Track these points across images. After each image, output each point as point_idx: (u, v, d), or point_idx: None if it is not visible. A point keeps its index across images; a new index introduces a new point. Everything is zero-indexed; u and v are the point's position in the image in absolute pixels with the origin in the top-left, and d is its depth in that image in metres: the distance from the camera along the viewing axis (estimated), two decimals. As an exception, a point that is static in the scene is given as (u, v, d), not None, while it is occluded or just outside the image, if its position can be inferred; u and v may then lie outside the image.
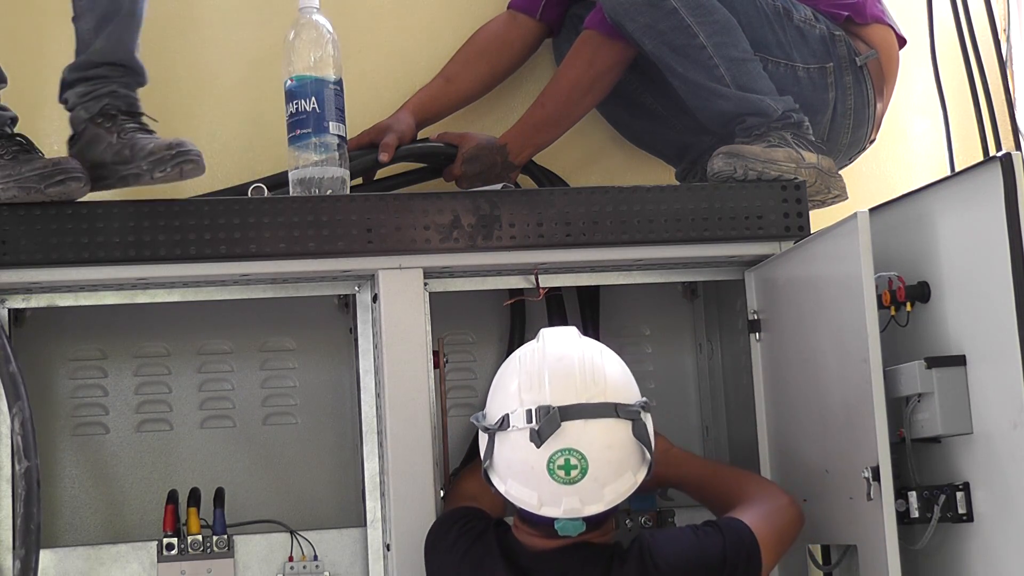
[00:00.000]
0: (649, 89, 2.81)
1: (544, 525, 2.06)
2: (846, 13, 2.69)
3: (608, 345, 2.50)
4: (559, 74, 2.69)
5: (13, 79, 2.34)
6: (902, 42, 2.79)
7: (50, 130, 2.62)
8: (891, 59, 2.74)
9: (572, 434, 1.99)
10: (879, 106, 2.73)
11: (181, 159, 2.21)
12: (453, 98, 2.83)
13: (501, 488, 2.07)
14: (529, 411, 2.01)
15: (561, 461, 1.99)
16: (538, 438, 1.99)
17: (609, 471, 2.02)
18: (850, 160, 2.80)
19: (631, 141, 2.95)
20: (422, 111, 2.76)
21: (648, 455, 2.06)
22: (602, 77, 2.66)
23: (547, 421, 1.99)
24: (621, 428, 2.03)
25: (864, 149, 2.81)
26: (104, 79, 2.28)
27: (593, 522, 2.05)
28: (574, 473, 1.99)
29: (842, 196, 2.58)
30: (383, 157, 2.64)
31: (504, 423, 2.04)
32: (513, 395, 2.06)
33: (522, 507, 2.06)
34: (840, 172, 2.60)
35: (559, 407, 2.00)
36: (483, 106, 2.90)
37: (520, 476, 2.03)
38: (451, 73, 2.84)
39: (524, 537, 2.14)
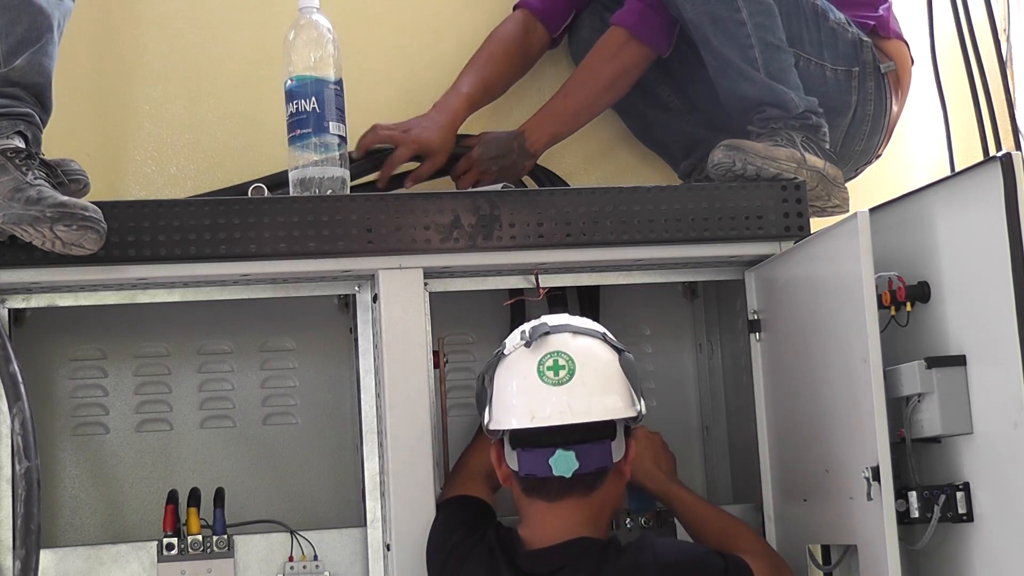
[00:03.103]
0: (667, 82, 2.82)
1: (544, 481, 2.12)
2: (872, 23, 2.71)
3: (608, 345, 2.50)
4: (582, 67, 2.71)
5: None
6: (911, 61, 2.82)
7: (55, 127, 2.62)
8: (906, 73, 2.78)
9: (560, 341, 2.16)
10: (893, 117, 2.75)
11: (88, 224, 2.13)
12: (487, 103, 2.82)
13: (499, 425, 2.14)
14: (523, 331, 2.18)
15: (550, 363, 2.13)
16: (528, 338, 2.15)
17: (597, 380, 2.13)
18: (856, 172, 2.81)
19: (637, 134, 2.95)
20: (460, 122, 2.74)
21: (637, 402, 2.15)
22: (624, 74, 2.68)
23: (536, 328, 2.17)
24: (607, 351, 2.18)
25: (871, 162, 2.82)
26: (19, 100, 2.21)
27: (588, 472, 2.10)
28: (562, 374, 2.12)
29: (842, 207, 2.58)
30: (408, 184, 2.67)
31: (502, 351, 2.19)
32: (507, 338, 2.22)
33: (518, 433, 2.12)
34: (843, 180, 2.61)
35: (550, 324, 2.18)
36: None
37: (514, 396, 2.13)
38: (489, 80, 2.80)
39: (526, 531, 2.17)
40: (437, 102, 2.76)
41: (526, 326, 2.20)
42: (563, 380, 2.12)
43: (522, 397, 2.13)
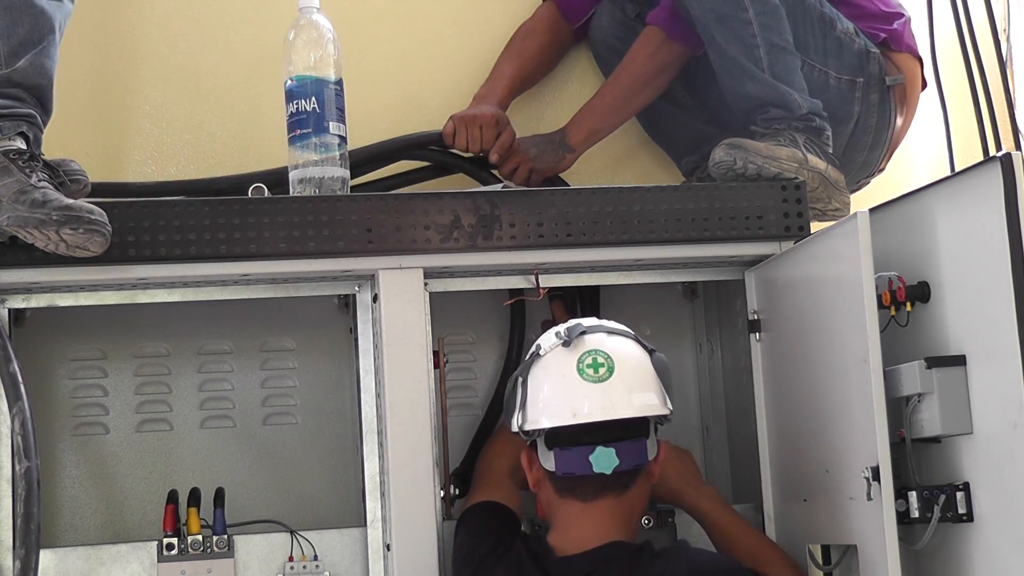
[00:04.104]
0: (680, 76, 2.82)
1: (581, 481, 2.13)
2: (884, 35, 2.71)
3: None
4: (622, 66, 2.73)
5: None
6: (923, 83, 2.81)
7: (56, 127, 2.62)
8: (915, 89, 2.78)
9: (596, 340, 2.18)
10: (897, 132, 2.75)
11: (94, 228, 2.13)
12: (521, 93, 2.87)
13: (536, 425, 2.15)
14: (558, 332, 2.20)
15: (589, 360, 2.15)
16: (567, 337, 2.17)
17: (634, 378, 2.15)
18: (858, 185, 2.81)
19: (644, 126, 2.95)
20: (505, 108, 2.78)
21: (668, 401, 2.18)
22: (661, 71, 2.71)
23: (572, 328, 2.19)
24: (640, 350, 2.21)
25: (872, 175, 2.82)
26: (21, 101, 2.21)
27: (626, 469, 2.12)
28: (602, 371, 2.14)
29: (843, 211, 2.58)
30: (494, 159, 2.70)
31: (536, 352, 2.20)
32: (540, 339, 2.25)
33: (556, 431, 2.13)
34: (845, 183, 2.60)
35: (585, 325, 2.21)
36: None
37: (552, 395, 2.15)
38: (525, 73, 2.86)
39: (556, 537, 2.18)
40: (477, 93, 2.80)
41: (560, 327, 2.22)
42: (603, 377, 2.13)
43: (561, 395, 2.14)
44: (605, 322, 2.25)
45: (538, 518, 2.34)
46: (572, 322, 2.23)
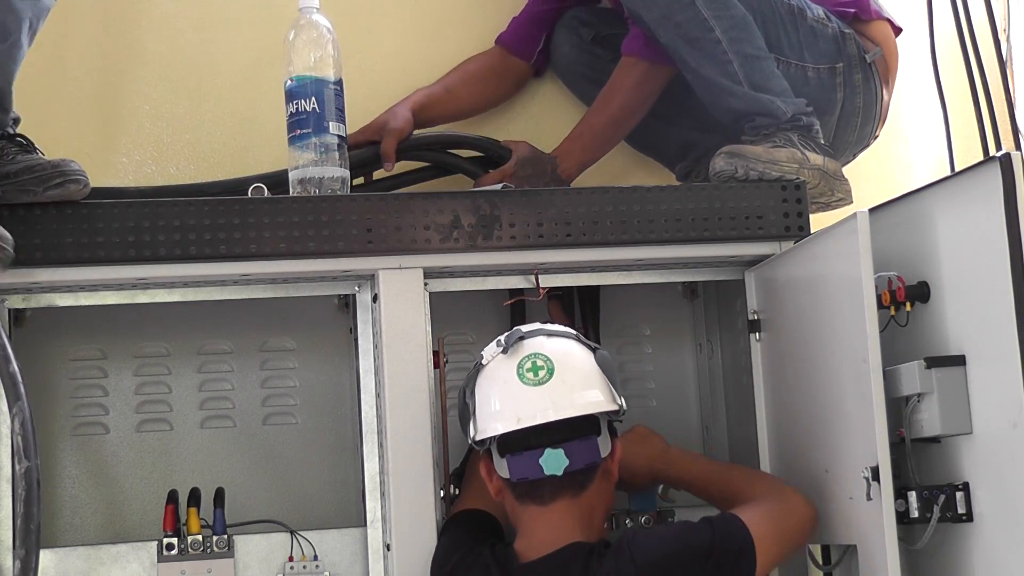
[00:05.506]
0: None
1: (535, 484, 2.14)
2: (853, 10, 2.70)
3: (608, 345, 2.52)
4: (608, 97, 2.71)
5: (26, 78, 2.32)
6: (898, 31, 2.80)
7: (56, 127, 2.62)
8: (892, 52, 2.76)
9: (535, 343, 2.20)
10: (886, 99, 2.74)
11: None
12: (450, 108, 2.85)
13: (486, 433, 2.15)
14: (498, 340, 2.21)
15: (528, 364, 2.16)
16: (505, 344, 2.18)
17: (576, 377, 2.16)
18: (854, 156, 2.80)
19: (629, 141, 2.94)
20: (421, 112, 2.76)
21: (617, 397, 2.17)
22: (649, 99, 2.70)
23: (511, 334, 2.21)
24: (582, 349, 2.22)
25: (868, 145, 2.81)
26: None
27: (578, 468, 2.12)
28: (542, 374, 2.15)
29: (846, 200, 2.58)
30: (387, 167, 2.66)
31: (480, 362, 2.21)
32: (484, 350, 2.24)
33: (505, 438, 2.13)
34: (843, 172, 2.60)
35: (524, 330, 2.22)
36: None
37: (497, 402, 2.16)
38: (451, 85, 2.85)
39: (521, 543, 2.18)
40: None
41: (500, 336, 2.22)
42: (543, 380, 2.14)
43: (505, 402, 2.15)
44: (546, 325, 2.26)
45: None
46: (512, 329, 2.24)
